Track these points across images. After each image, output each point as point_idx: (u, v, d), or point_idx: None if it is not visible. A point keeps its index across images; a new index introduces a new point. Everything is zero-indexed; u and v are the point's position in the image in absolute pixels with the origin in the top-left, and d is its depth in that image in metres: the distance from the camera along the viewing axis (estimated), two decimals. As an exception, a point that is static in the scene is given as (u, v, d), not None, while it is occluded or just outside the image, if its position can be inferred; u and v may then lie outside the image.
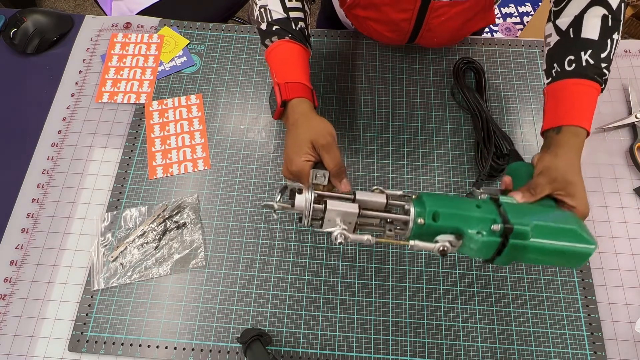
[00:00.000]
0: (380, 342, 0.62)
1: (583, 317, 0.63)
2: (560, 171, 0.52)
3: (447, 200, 0.48)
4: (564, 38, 0.60)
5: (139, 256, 0.67)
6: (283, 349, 0.62)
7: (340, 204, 0.47)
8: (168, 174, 0.73)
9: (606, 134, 0.76)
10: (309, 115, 0.58)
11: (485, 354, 0.61)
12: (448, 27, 0.74)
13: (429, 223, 0.46)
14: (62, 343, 0.62)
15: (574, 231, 0.46)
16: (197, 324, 0.63)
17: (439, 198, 0.48)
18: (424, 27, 0.73)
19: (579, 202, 0.52)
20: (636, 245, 0.68)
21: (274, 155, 0.75)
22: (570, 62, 0.58)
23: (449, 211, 0.46)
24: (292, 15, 0.62)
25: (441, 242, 0.45)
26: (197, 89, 0.80)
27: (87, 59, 0.83)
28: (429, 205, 0.46)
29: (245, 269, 0.67)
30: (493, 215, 0.46)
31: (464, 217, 0.45)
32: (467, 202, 0.47)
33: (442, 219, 0.46)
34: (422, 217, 0.46)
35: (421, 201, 0.47)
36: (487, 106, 0.75)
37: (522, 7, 1.83)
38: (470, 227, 0.45)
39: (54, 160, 0.74)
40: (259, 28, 0.64)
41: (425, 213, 0.46)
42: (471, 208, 0.46)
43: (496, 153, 0.71)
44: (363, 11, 0.74)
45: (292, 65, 0.61)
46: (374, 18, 0.74)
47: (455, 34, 0.79)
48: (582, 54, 0.58)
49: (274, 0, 0.62)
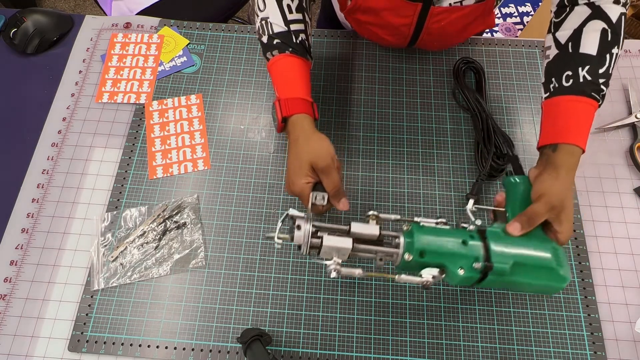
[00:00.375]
0: (380, 342, 0.62)
1: (583, 317, 0.63)
2: (560, 197, 0.53)
3: (435, 236, 0.51)
4: (563, 52, 0.60)
5: (139, 256, 0.67)
6: (283, 349, 0.62)
7: (335, 239, 0.51)
8: (168, 174, 0.73)
9: (606, 134, 0.76)
10: (309, 133, 0.59)
11: (485, 354, 0.61)
12: (448, 32, 0.74)
13: (416, 259, 0.50)
14: (62, 343, 0.62)
15: (551, 269, 0.50)
16: (197, 324, 0.63)
17: (427, 233, 0.51)
18: (424, 32, 0.73)
19: (565, 228, 0.53)
20: (636, 245, 0.68)
21: (274, 155, 0.75)
22: (568, 78, 0.58)
23: (435, 249, 0.50)
24: (293, 28, 0.63)
25: (425, 276, 0.49)
26: (197, 89, 0.80)
27: (87, 59, 0.83)
28: (417, 243, 0.50)
29: (245, 269, 0.67)
30: (476, 253, 0.50)
31: (449, 255, 0.50)
32: (454, 237, 0.51)
33: (428, 256, 0.50)
34: (410, 252, 0.50)
35: (411, 235, 0.51)
36: (487, 106, 0.75)
37: (522, 7, 1.83)
38: (453, 264, 0.49)
39: (54, 160, 0.74)
40: (261, 40, 0.64)
41: (413, 250, 0.50)
42: (457, 245, 0.50)
43: (496, 153, 0.71)
44: (363, 15, 0.75)
45: (292, 80, 0.62)
46: (374, 22, 0.75)
47: (455, 38, 0.79)
48: (580, 69, 0.57)
49: (274, 13, 0.62)
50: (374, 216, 0.54)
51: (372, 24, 0.76)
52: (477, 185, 0.69)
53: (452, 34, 0.76)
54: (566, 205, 0.54)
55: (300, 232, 0.50)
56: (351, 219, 0.69)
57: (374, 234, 0.52)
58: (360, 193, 0.71)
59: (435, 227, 0.53)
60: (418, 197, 0.71)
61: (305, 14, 0.64)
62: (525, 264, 0.50)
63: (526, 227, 0.53)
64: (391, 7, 0.70)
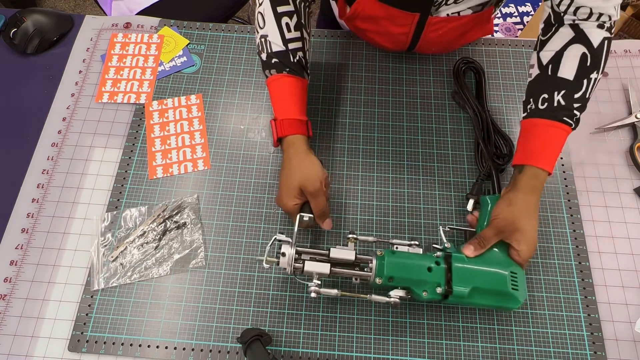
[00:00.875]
0: (380, 342, 0.62)
1: (583, 317, 0.63)
2: (509, 220, 0.58)
3: (404, 263, 0.58)
4: (543, 74, 0.61)
5: (139, 256, 0.67)
6: (283, 349, 0.62)
7: (316, 264, 0.59)
8: (168, 174, 0.73)
9: (606, 134, 0.76)
10: (302, 155, 0.63)
11: (485, 354, 0.61)
12: (445, 40, 0.75)
13: (385, 283, 0.58)
14: (62, 343, 0.62)
15: (506, 292, 0.57)
16: (197, 324, 0.63)
17: (397, 260, 0.58)
18: (422, 40, 0.75)
19: (523, 247, 0.58)
20: (636, 245, 0.68)
21: (274, 155, 0.75)
22: (544, 101, 0.60)
23: (401, 276, 0.58)
24: (291, 47, 0.64)
25: (393, 297, 0.57)
26: (197, 89, 0.80)
27: (87, 59, 0.83)
28: (387, 271, 0.57)
29: (245, 269, 0.67)
30: (439, 279, 0.57)
31: (414, 281, 0.58)
32: (422, 262, 0.58)
33: (396, 281, 0.58)
34: (380, 277, 0.58)
35: (382, 261, 0.58)
36: (487, 106, 0.75)
37: (522, 7, 1.83)
38: (418, 288, 0.57)
39: (54, 160, 0.74)
40: (260, 57, 0.67)
41: (383, 276, 0.57)
42: (422, 272, 0.58)
43: (496, 153, 0.71)
44: (362, 23, 0.76)
45: (288, 100, 0.65)
46: (373, 30, 0.76)
47: (453, 45, 0.81)
48: (556, 94, 0.59)
49: (273, 32, 0.64)
50: (354, 239, 0.61)
51: (370, 32, 0.77)
52: (477, 185, 0.69)
53: (449, 42, 0.77)
54: (520, 227, 0.57)
55: (285, 258, 0.58)
56: (342, 232, 0.70)
57: (350, 259, 0.59)
58: (360, 193, 0.71)
59: (406, 253, 0.59)
60: (418, 197, 0.71)
61: (303, 30, 0.66)
62: (483, 288, 0.57)
63: (479, 249, 0.59)
64: (389, 16, 0.71)
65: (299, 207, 0.63)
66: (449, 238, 0.68)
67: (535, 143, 0.60)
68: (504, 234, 0.58)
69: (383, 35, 0.76)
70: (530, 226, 0.58)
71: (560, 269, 0.66)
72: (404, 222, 0.69)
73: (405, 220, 0.70)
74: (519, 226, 0.57)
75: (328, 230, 0.68)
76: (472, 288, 0.57)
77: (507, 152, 0.71)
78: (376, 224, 0.69)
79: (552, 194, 0.71)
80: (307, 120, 0.66)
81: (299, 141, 0.63)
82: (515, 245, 0.58)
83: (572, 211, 0.70)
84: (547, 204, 0.70)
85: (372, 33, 0.77)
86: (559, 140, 0.59)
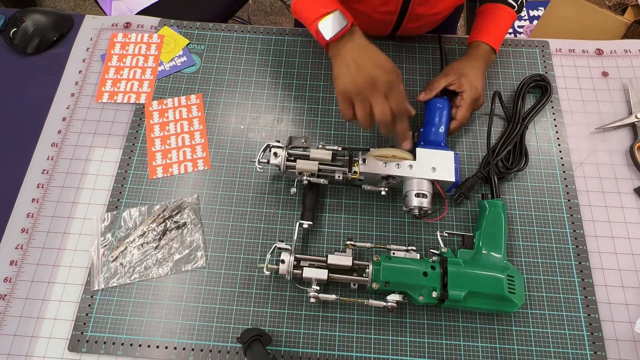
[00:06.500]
0: (380, 342, 0.62)
1: (583, 317, 0.63)
2: (454, 68, 0.68)
3: (400, 268, 0.59)
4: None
5: (139, 256, 0.67)
6: (283, 349, 0.62)
7: (314, 270, 0.60)
8: (168, 174, 0.73)
9: (606, 134, 0.76)
10: (368, 44, 0.60)
11: (485, 354, 0.61)
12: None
13: (382, 288, 0.59)
14: (62, 343, 0.62)
15: (502, 296, 0.58)
16: (197, 324, 0.63)
17: (393, 265, 0.59)
18: (408, 16, 0.74)
19: (467, 87, 0.66)
20: (636, 245, 0.68)
21: (274, 155, 0.74)
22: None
23: (397, 281, 0.59)
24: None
25: (390, 302, 0.59)
26: (197, 89, 0.80)
27: (87, 58, 0.83)
28: (383, 276, 0.59)
29: (245, 269, 0.67)
30: (435, 284, 0.58)
31: (410, 286, 0.59)
32: (418, 267, 0.59)
33: (392, 286, 0.59)
34: (377, 282, 0.59)
35: (379, 267, 0.59)
36: (527, 120, 0.74)
37: (533, 12, 1.83)
38: (414, 292, 0.59)
39: (54, 160, 0.74)
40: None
41: (379, 281, 0.59)
42: (418, 277, 0.59)
43: (505, 165, 0.71)
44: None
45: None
46: (360, 9, 0.74)
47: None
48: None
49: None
50: (352, 245, 0.62)
51: (358, 10, 0.74)
52: (470, 180, 0.68)
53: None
54: (465, 73, 0.67)
55: (284, 265, 0.60)
56: (341, 236, 0.70)
57: (348, 265, 0.61)
58: (360, 193, 0.71)
59: (402, 258, 0.60)
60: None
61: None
62: (479, 292, 0.58)
63: (429, 94, 0.69)
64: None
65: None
66: (449, 241, 0.68)
67: (483, 22, 0.72)
68: (448, 78, 0.67)
69: (369, 15, 0.75)
70: (474, 74, 0.68)
71: (560, 269, 0.66)
72: (404, 227, 0.69)
73: (405, 228, 0.69)
74: (464, 72, 0.68)
75: (326, 237, 0.68)
76: (468, 292, 0.58)
77: (517, 166, 0.71)
78: (376, 229, 0.69)
79: (552, 194, 0.71)
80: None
81: (359, 31, 0.60)
82: (459, 88, 0.67)
83: (572, 211, 0.70)
84: (547, 204, 0.70)
85: (359, 12, 0.74)
86: (504, 22, 0.72)
